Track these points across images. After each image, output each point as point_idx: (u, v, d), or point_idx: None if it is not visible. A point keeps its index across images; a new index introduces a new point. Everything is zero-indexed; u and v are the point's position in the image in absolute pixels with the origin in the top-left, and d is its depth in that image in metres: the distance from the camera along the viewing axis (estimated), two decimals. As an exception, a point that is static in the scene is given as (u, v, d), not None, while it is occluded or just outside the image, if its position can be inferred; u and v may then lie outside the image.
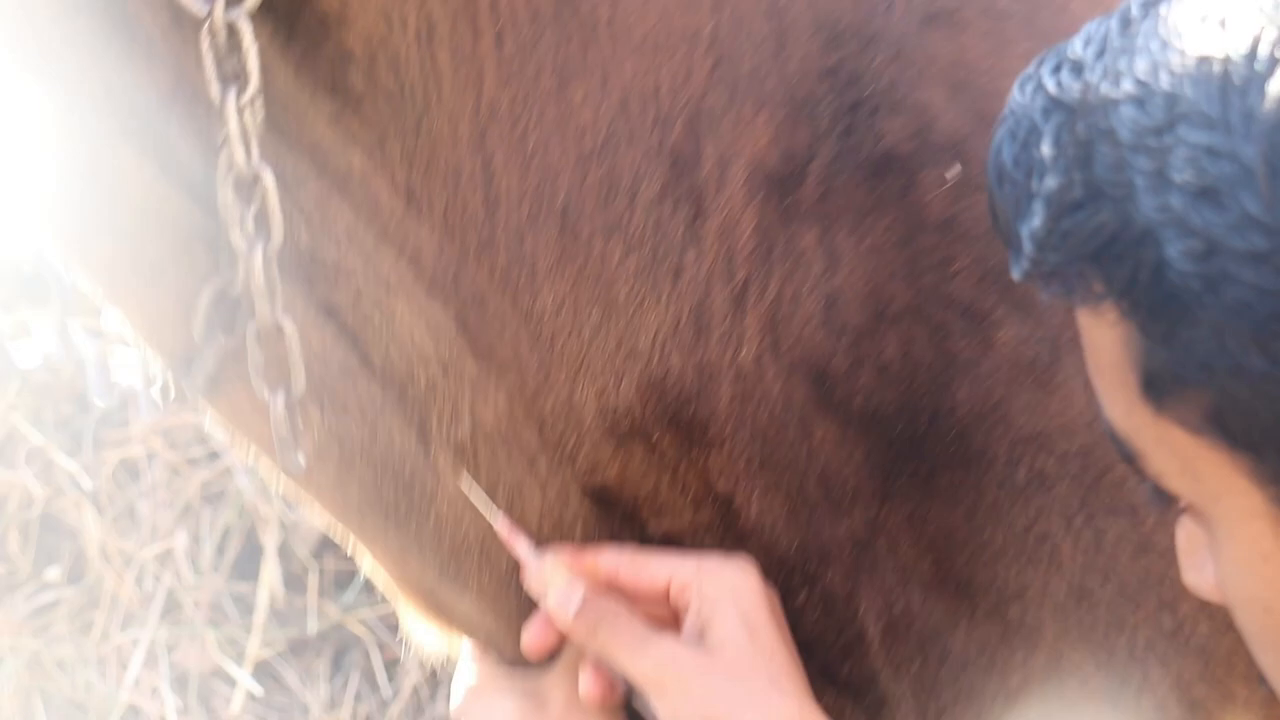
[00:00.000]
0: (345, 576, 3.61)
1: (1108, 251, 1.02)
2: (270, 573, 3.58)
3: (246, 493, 3.59)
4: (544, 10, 1.50)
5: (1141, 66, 1.02)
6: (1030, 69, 1.10)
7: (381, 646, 3.58)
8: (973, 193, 1.52)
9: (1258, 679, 1.46)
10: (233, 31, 1.40)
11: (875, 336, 1.51)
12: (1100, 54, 1.05)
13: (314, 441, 1.53)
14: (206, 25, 1.40)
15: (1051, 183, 1.04)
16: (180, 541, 3.60)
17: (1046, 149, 1.04)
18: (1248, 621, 1.07)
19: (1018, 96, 1.09)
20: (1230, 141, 0.97)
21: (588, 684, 1.55)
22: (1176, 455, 1.03)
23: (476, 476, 1.55)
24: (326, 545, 3.59)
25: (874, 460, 1.51)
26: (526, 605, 1.59)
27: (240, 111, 1.41)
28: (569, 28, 1.51)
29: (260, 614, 3.57)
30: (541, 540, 1.57)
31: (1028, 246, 1.06)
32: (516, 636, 1.61)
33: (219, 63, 1.41)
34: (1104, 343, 1.05)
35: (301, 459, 1.49)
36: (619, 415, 1.53)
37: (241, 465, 3.59)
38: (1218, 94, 0.99)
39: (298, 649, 3.62)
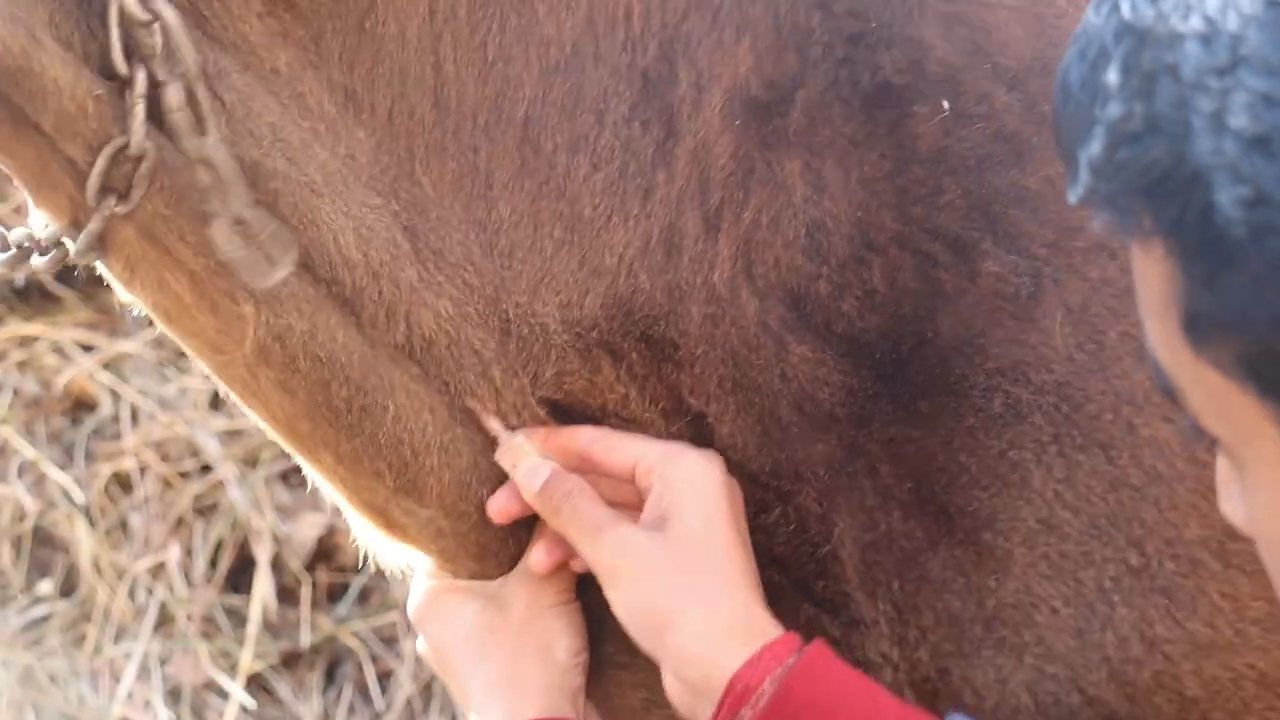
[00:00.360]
0: (338, 589, 3.61)
1: (1159, 188, 1.01)
2: (263, 586, 3.58)
3: (239, 506, 3.59)
4: None
5: (1213, 3, 1.01)
6: None
7: (375, 659, 3.58)
8: (963, 126, 1.52)
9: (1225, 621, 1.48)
10: None
11: (862, 263, 1.51)
12: None
13: (255, 338, 1.51)
14: None
15: (1114, 111, 1.03)
16: (173, 554, 3.60)
17: (1113, 75, 1.04)
18: (1272, 559, 1.07)
19: (1092, 16, 1.08)
20: None
21: (540, 553, 1.56)
22: (1211, 396, 1.04)
23: (422, 380, 1.53)
24: (320, 558, 3.59)
25: (853, 384, 1.51)
26: (482, 515, 1.58)
27: None
28: None
29: (253, 627, 3.56)
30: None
31: (1084, 174, 1.05)
32: (473, 551, 1.60)
33: None
34: (1150, 277, 1.04)
35: (273, 271, 1.46)
36: (585, 327, 1.52)
37: (234, 478, 3.59)
38: None
39: (291, 662, 3.61)
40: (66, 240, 1.52)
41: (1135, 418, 1.49)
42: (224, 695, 3.55)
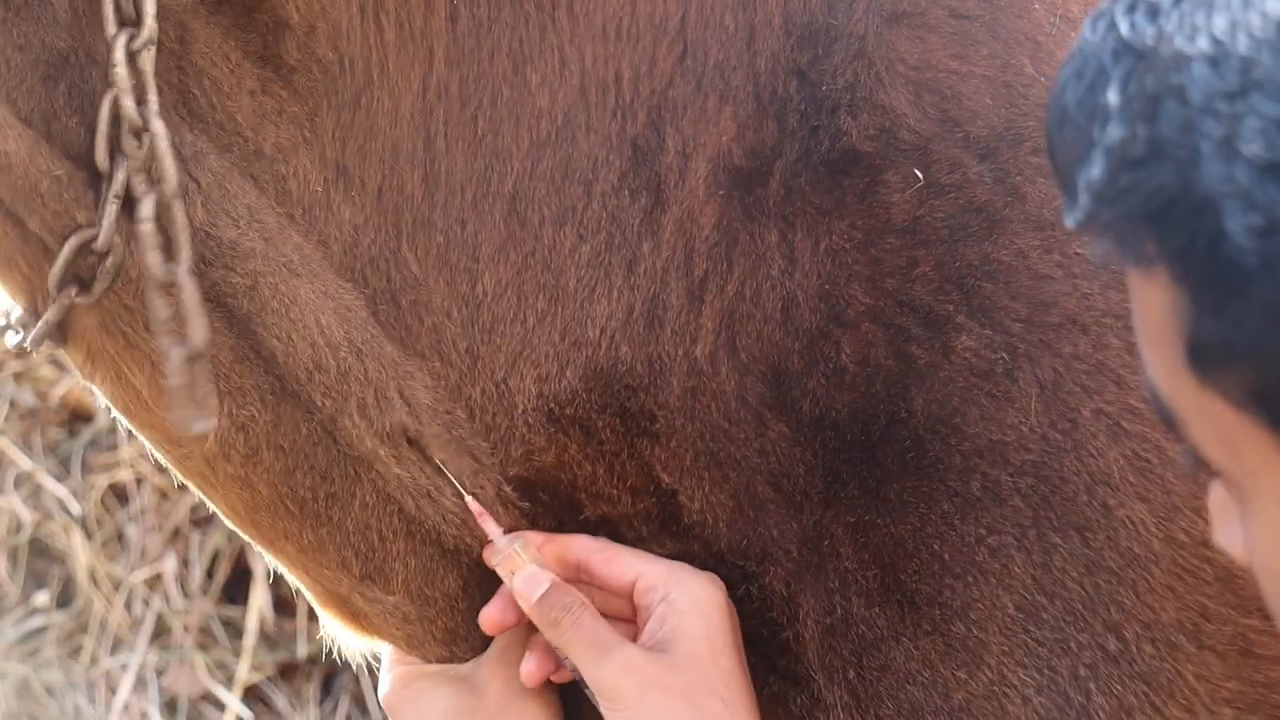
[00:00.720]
0: (335, 600, 3.61)
1: (1166, 214, 0.98)
2: (259, 597, 3.58)
3: (236, 517, 3.58)
4: None
5: (1220, 24, 0.98)
6: (1103, 4, 1.05)
7: (371, 670, 3.57)
8: (936, 196, 1.49)
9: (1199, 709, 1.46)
10: None
11: (829, 339, 1.48)
12: (1178, 0, 1.01)
13: (218, 433, 1.48)
14: None
15: (1115, 134, 1.00)
16: (169, 566, 3.60)
17: (1113, 96, 1.00)
18: (1273, 593, 1.05)
19: (1088, 34, 1.04)
20: None
21: (531, 665, 1.52)
22: (1216, 426, 1.01)
23: (418, 461, 1.51)
24: (316, 569, 3.59)
25: (822, 464, 1.48)
26: (449, 601, 1.56)
27: (132, 57, 1.39)
28: (526, 9, 1.49)
29: (250, 638, 3.57)
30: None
31: (1084, 197, 1.02)
32: (440, 636, 1.58)
33: (119, 8, 1.38)
34: (1152, 305, 1.01)
35: (200, 422, 1.42)
36: (560, 402, 1.50)
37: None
38: None
39: (287, 673, 3.61)
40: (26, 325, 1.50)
41: (1110, 498, 1.46)
42: (221, 707, 3.55)
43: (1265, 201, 0.95)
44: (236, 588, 3.64)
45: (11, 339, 1.51)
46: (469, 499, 1.52)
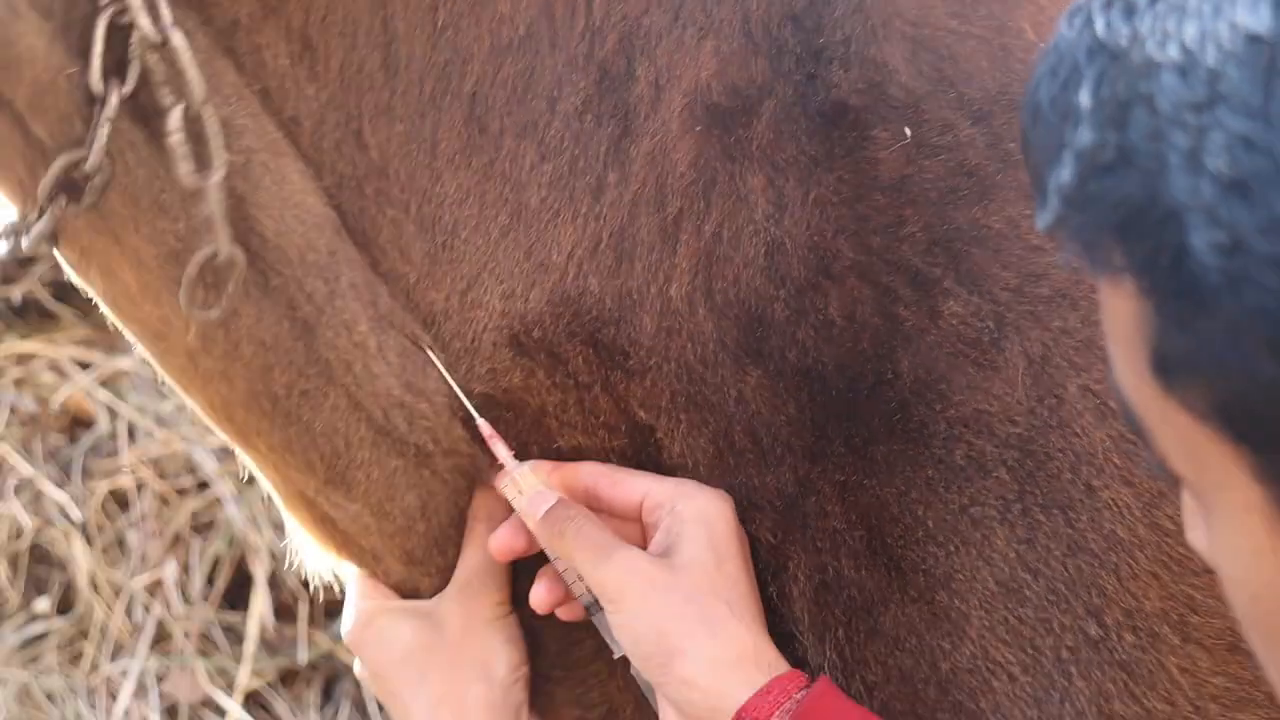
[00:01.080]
0: (336, 606, 3.60)
1: (1132, 224, 0.97)
2: (260, 602, 3.57)
3: (236, 522, 3.58)
4: None
5: (1190, 31, 0.96)
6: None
7: (372, 676, 3.57)
8: (926, 156, 1.47)
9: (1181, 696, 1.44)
10: None
11: (819, 290, 1.46)
12: (1154, 0, 0.99)
13: (200, 326, 1.49)
14: None
15: (1085, 138, 0.99)
16: (170, 572, 3.59)
17: (1085, 98, 0.99)
18: (1236, 601, 1.04)
19: (1064, 29, 1.03)
20: (1269, 136, 0.93)
21: (541, 590, 1.52)
22: (1180, 437, 1.00)
23: (398, 349, 1.50)
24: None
25: (806, 416, 1.46)
26: (408, 520, 1.54)
27: None
28: None
29: (250, 644, 3.56)
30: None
31: (1054, 200, 1.01)
32: (398, 555, 1.57)
33: None
34: (1120, 313, 1.00)
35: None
36: (526, 324, 1.49)
37: (231, 495, 3.59)
38: (1262, 81, 0.93)
39: (288, 679, 3.60)
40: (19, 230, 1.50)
41: (1095, 479, 1.43)
42: (221, 713, 3.54)
43: (1229, 219, 0.93)
44: (237, 594, 3.63)
45: (2, 248, 1.51)
46: (480, 421, 1.51)
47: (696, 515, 1.46)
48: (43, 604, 3.61)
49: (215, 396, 1.53)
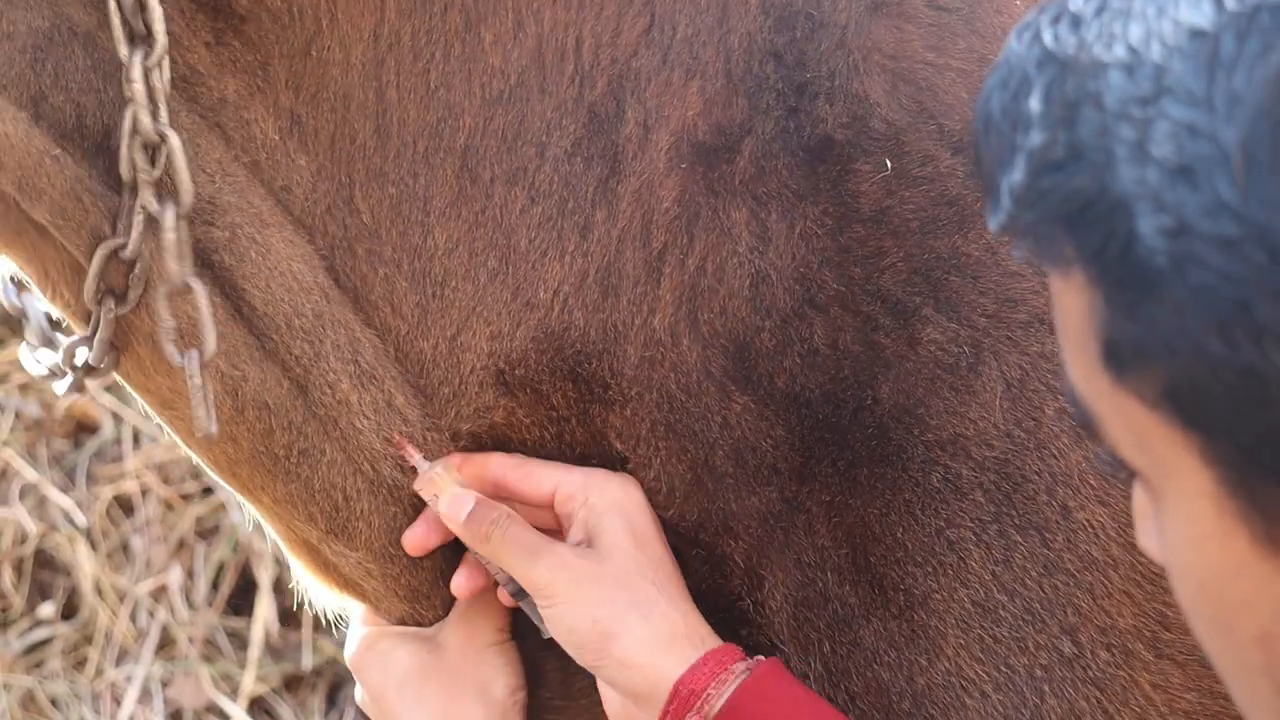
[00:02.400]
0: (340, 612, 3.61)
1: (1081, 217, 1.00)
2: (265, 608, 3.58)
3: (241, 528, 3.58)
4: None
5: (1135, 32, 1.00)
6: (1030, 16, 1.08)
7: (376, 682, 3.57)
8: (907, 187, 1.50)
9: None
10: None
11: (804, 320, 1.49)
12: (1100, 11, 1.03)
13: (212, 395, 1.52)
14: None
15: (1036, 139, 1.02)
16: (174, 577, 3.60)
17: (1035, 104, 1.03)
18: (1183, 591, 1.06)
19: (1014, 44, 1.07)
20: (1212, 122, 0.97)
21: (461, 579, 1.57)
22: (1131, 427, 1.02)
23: (373, 404, 1.54)
24: (321, 580, 3.58)
25: (795, 439, 1.49)
26: (411, 559, 1.58)
27: (147, 73, 1.41)
28: None
29: (255, 649, 3.57)
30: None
31: (1006, 201, 1.04)
32: (402, 593, 1.60)
33: (125, 21, 1.41)
34: (1070, 307, 1.03)
35: (214, 425, 1.48)
36: (511, 362, 1.52)
37: (236, 500, 3.59)
38: (1205, 71, 0.97)
39: (292, 684, 3.61)
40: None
41: (1070, 500, 1.46)
42: (225, 718, 3.55)
43: (1174, 203, 0.97)
44: (241, 599, 3.64)
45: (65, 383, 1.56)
46: (394, 432, 1.55)
47: (611, 504, 1.51)
48: (47, 609, 3.62)
49: (221, 456, 1.56)
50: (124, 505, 3.66)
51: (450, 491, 1.54)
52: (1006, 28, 1.55)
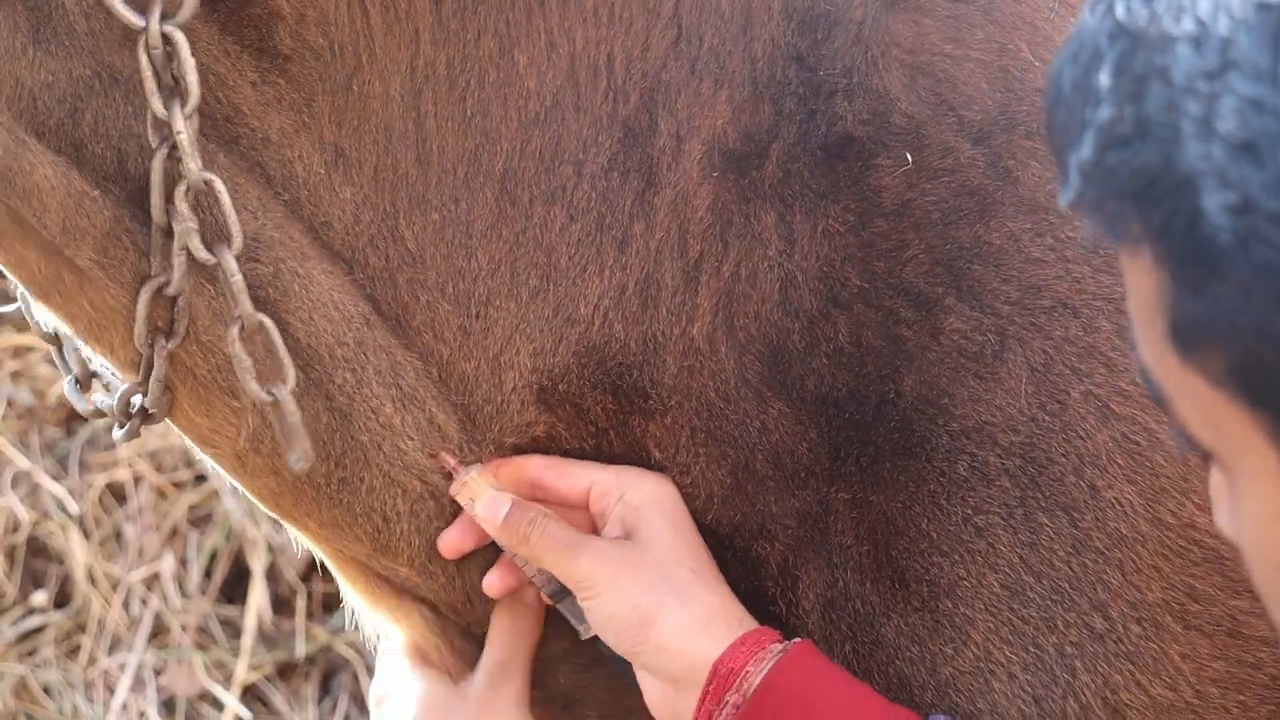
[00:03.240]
0: (333, 599, 3.60)
1: (1148, 193, 0.99)
2: (258, 596, 3.57)
3: (233, 516, 3.58)
4: None
5: (1204, 6, 0.99)
6: None
7: (370, 669, 3.57)
8: (927, 180, 1.51)
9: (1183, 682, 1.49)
10: (169, 41, 1.42)
11: (829, 319, 1.51)
12: None
13: (250, 431, 1.55)
14: (143, 39, 1.41)
15: (1104, 114, 1.02)
16: (167, 565, 3.60)
17: (1105, 78, 1.02)
18: (1259, 575, 1.06)
19: (1087, 18, 1.06)
20: (1277, 97, 0.96)
21: (494, 578, 1.59)
22: (1199, 406, 1.02)
23: (416, 424, 1.56)
24: (314, 568, 3.58)
25: (828, 441, 1.52)
26: (449, 577, 1.61)
27: (186, 122, 1.43)
28: None
29: (248, 637, 3.56)
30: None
31: (1075, 177, 1.03)
32: (445, 609, 1.64)
33: (158, 75, 1.42)
34: (1139, 284, 1.03)
35: (307, 453, 1.50)
36: (553, 378, 1.54)
37: (229, 488, 3.58)
38: (1271, 45, 0.97)
39: (286, 672, 3.61)
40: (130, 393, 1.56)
41: (1098, 480, 1.48)
42: (219, 706, 3.55)
43: (1239, 179, 0.96)
44: (234, 587, 3.63)
45: (122, 429, 1.58)
46: (432, 442, 1.57)
47: (647, 498, 1.54)
48: (40, 597, 3.61)
49: (265, 488, 1.59)
50: (116, 493, 3.65)
51: (486, 495, 1.56)
52: (1025, 17, 1.55)
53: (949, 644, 1.50)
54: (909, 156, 1.51)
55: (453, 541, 1.59)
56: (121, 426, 1.57)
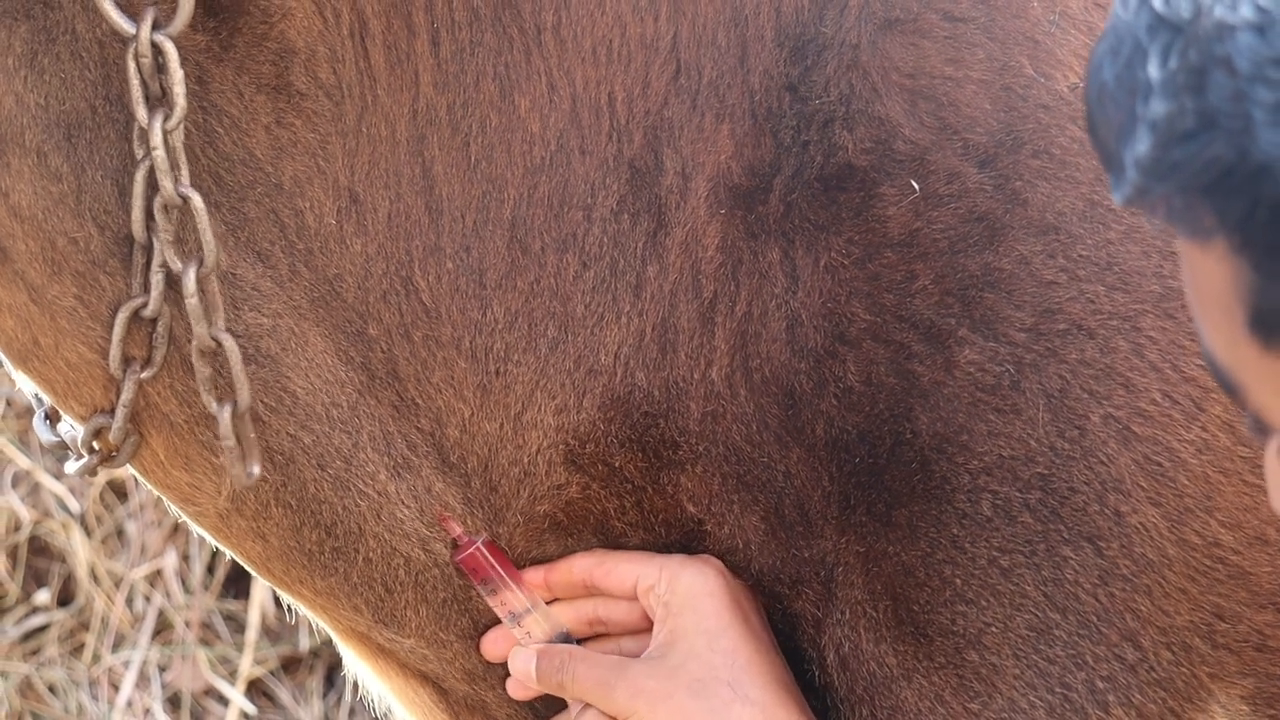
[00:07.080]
0: (336, 592, 3.61)
1: (1221, 185, 0.98)
2: (261, 591, 3.57)
3: (235, 511, 3.58)
4: (483, 13, 1.47)
5: None
6: None
7: (374, 662, 3.57)
8: (934, 207, 1.47)
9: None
10: (159, 52, 1.39)
11: (836, 358, 1.47)
12: None
13: (230, 490, 1.51)
14: (133, 47, 1.39)
15: (1159, 108, 1.00)
16: (170, 561, 3.59)
17: (1153, 71, 1.01)
18: None
19: (1120, 11, 1.04)
20: None
21: (489, 644, 1.56)
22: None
23: (411, 491, 1.53)
24: (317, 562, 3.58)
25: (838, 489, 1.48)
26: (463, 644, 1.57)
27: (167, 136, 1.41)
28: (510, 33, 1.48)
29: (252, 632, 3.56)
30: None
31: (1132, 173, 1.02)
32: (458, 676, 1.59)
33: (145, 84, 1.40)
34: (1210, 276, 1.01)
35: (255, 468, 1.47)
36: (580, 438, 1.50)
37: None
38: None
39: (290, 666, 3.61)
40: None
41: (1122, 505, 1.44)
42: (224, 701, 3.55)
43: None
44: (237, 582, 3.63)
45: (75, 462, 1.53)
46: (431, 511, 1.53)
47: (684, 601, 1.50)
48: (43, 596, 3.61)
49: (251, 552, 1.55)
50: (117, 490, 3.65)
51: (514, 653, 1.54)
52: (1025, 32, 1.51)
53: (975, 699, 1.46)
54: (915, 185, 1.47)
55: (515, 690, 1.57)
56: (79, 459, 1.51)
